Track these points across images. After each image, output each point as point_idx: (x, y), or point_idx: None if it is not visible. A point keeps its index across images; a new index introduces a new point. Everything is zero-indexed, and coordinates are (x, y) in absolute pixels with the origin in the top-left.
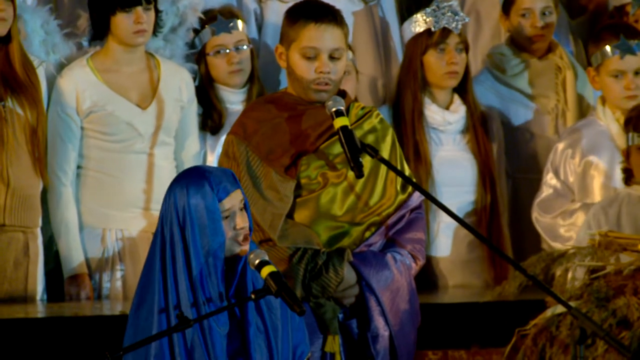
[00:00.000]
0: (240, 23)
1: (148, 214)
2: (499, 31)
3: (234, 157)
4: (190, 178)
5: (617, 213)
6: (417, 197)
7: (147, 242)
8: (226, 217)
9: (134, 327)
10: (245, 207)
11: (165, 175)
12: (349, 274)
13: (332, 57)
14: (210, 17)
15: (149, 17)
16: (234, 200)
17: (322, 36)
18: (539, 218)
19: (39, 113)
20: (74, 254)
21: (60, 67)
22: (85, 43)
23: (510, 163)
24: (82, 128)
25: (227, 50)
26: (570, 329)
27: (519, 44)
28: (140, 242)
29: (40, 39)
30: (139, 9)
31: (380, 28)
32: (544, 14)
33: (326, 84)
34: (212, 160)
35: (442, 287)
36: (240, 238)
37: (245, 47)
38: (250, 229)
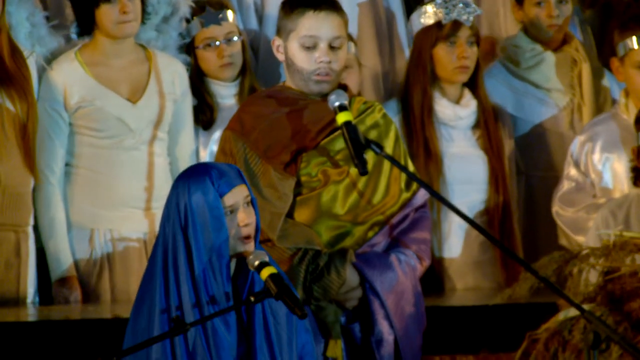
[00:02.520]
0: (230, 14)
1: (139, 213)
2: (498, 22)
3: (231, 154)
4: (192, 174)
5: (626, 216)
6: (422, 196)
7: (138, 243)
8: (230, 213)
9: (133, 330)
10: (253, 204)
11: (159, 172)
12: (351, 275)
13: (332, 46)
14: (198, 8)
15: (134, 6)
16: (237, 195)
17: (321, 24)
18: (561, 212)
19: (29, 106)
20: (62, 256)
21: (46, 61)
22: (74, 36)
23: (523, 160)
24: (70, 124)
25: (217, 43)
26: (584, 333)
27: (534, 35)
28: (130, 243)
29: (26, 32)
30: None
31: (385, 19)
32: (560, 2)
33: (327, 74)
34: (205, 157)
35: (451, 290)
36: (243, 235)
37: (236, 38)
38: (257, 229)
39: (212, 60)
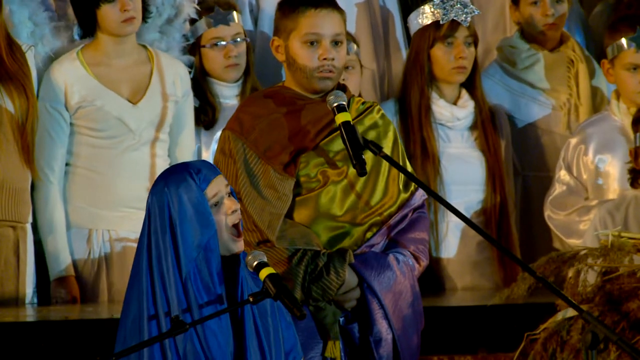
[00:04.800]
0: (236, 15)
1: (139, 213)
2: (503, 22)
3: (230, 154)
4: (170, 174)
5: (625, 216)
6: (420, 196)
7: (136, 243)
8: (215, 205)
9: (123, 336)
10: (232, 194)
11: (158, 173)
12: (350, 276)
13: (334, 44)
14: (206, 8)
15: (134, 4)
16: (218, 185)
17: (323, 22)
18: (552, 215)
19: (29, 103)
20: (61, 256)
21: (49, 60)
22: (76, 36)
23: (520, 160)
24: (71, 124)
25: (224, 43)
26: (582, 334)
27: (530, 35)
28: (129, 243)
29: (29, 31)
30: None
31: (380, 19)
32: (555, 1)
33: (330, 71)
34: (208, 157)
35: (449, 290)
36: (232, 223)
37: (241, 40)
38: (240, 225)
39: (218, 60)
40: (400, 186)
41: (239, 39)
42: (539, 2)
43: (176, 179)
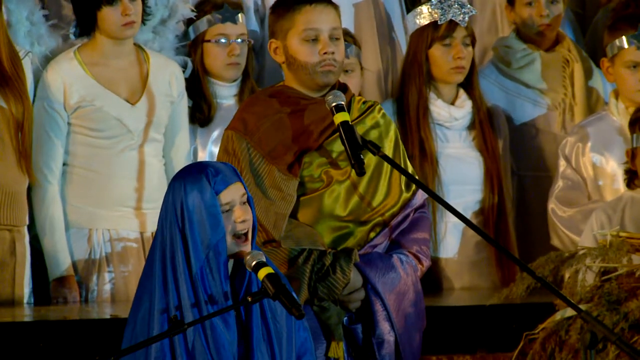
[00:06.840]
0: (241, 16)
1: (136, 213)
2: (496, 23)
3: (234, 154)
4: (188, 174)
5: (621, 218)
6: (421, 196)
7: (136, 242)
8: (226, 211)
9: (132, 330)
10: (249, 203)
11: (155, 173)
12: (355, 276)
13: (332, 38)
14: (214, 5)
15: (136, 8)
16: (233, 193)
17: (319, 17)
18: (557, 211)
19: (25, 107)
20: (60, 255)
21: (45, 59)
22: (72, 36)
23: (516, 160)
24: (68, 124)
25: (230, 41)
26: (581, 333)
27: (525, 35)
28: (128, 243)
29: (26, 30)
30: (125, 0)
31: (385, 18)
32: (550, 2)
33: (331, 64)
34: (204, 157)
35: (447, 290)
36: (240, 230)
37: (245, 40)
38: (254, 228)
39: (220, 56)
40: (402, 186)
41: (245, 40)
42: (534, 2)
43: (193, 179)
